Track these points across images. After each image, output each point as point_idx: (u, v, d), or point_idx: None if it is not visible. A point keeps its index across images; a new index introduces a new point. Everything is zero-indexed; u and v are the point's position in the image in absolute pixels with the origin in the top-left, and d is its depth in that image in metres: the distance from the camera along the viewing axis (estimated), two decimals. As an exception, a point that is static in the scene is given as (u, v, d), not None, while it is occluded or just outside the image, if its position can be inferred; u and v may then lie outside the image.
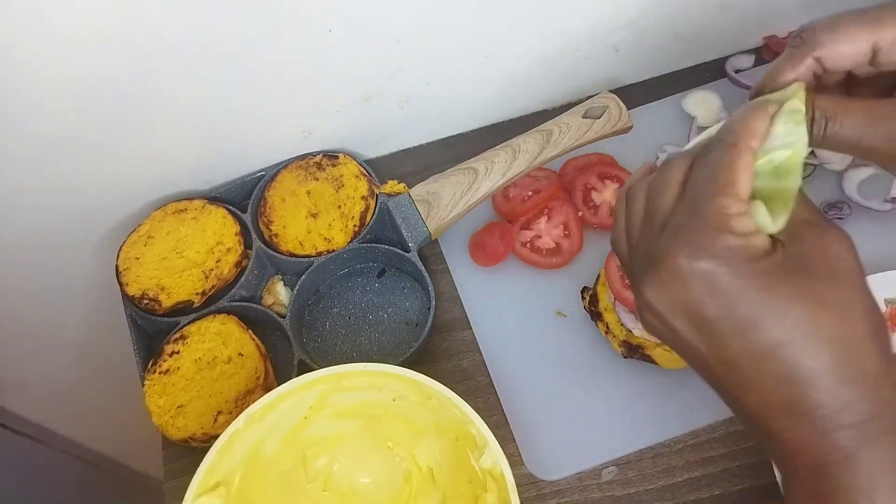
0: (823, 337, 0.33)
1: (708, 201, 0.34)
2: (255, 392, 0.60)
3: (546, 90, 0.77)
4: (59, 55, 0.54)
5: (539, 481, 0.60)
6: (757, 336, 0.33)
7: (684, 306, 0.34)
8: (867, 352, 0.33)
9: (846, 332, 0.33)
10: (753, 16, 0.75)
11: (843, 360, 0.33)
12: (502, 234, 0.68)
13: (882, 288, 0.60)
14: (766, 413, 0.35)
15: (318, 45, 0.61)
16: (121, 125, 0.61)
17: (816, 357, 0.33)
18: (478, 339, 0.66)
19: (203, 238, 0.66)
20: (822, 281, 0.33)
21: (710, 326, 0.34)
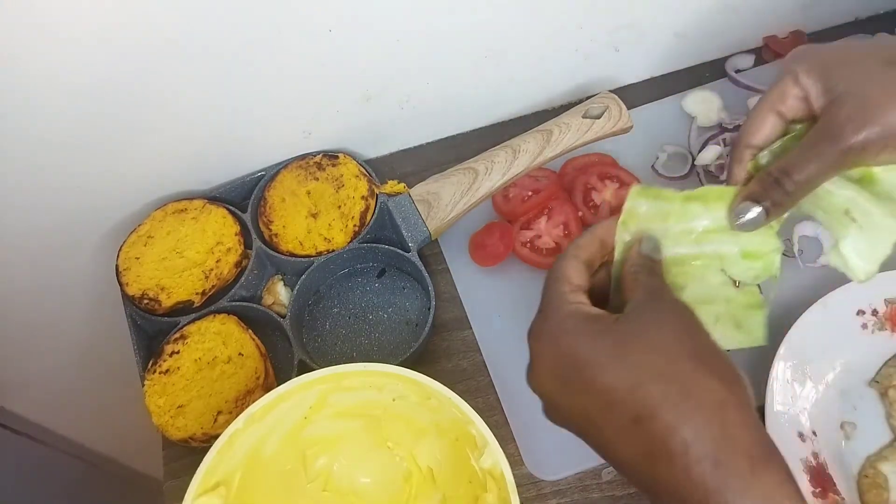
0: (652, 374, 0.37)
1: (550, 290, 0.43)
2: (255, 392, 0.60)
3: (546, 90, 0.77)
4: (59, 55, 0.54)
5: (539, 481, 0.60)
6: (596, 380, 0.38)
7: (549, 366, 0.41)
8: (700, 384, 0.36)
9: (673, 368, 0.37)
10: (753, 16, 0.75)
11: (675, 392, 0.36)
12: (502, 234, 0.68)
13: (882, 288, 0.60)
14: (632, 461, 0.37)
15: (318, 45, 0.61)
16: (121, 125, 0.61)
17: (650, 393, 0.36)
18: (478, 339, 0.66)
19: (203, 238, 0.66)
20: (646, 330, 0.39)
21: (566, 379, 0.40)
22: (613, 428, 0.38)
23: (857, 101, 0.42)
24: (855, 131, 0.41)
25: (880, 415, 0.59)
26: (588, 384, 0.38)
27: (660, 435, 0.35)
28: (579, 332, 0.40)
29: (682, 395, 0.36)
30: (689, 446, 0.35)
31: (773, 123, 0.46)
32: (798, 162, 0.43)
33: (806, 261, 0.65)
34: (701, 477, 0.34)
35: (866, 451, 0.57)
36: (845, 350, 0.60)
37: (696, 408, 0.36)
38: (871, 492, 0.55)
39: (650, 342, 0.38)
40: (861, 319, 0.60)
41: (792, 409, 0.57)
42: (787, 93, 0.45)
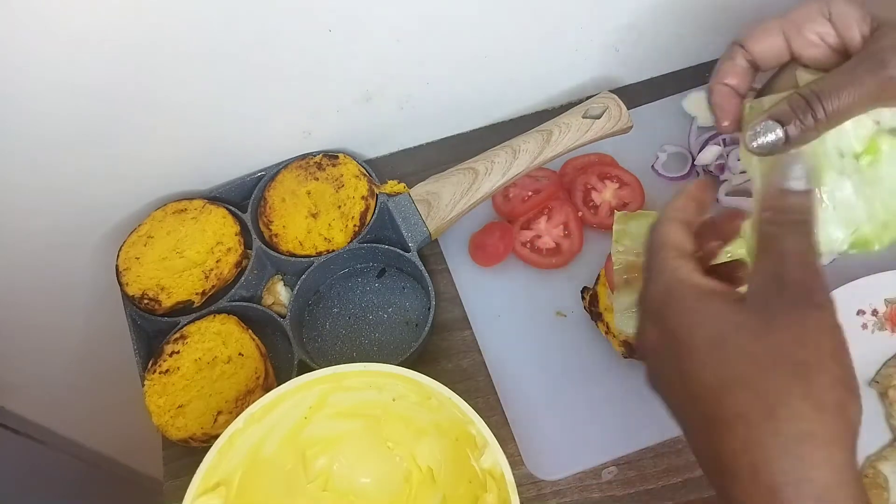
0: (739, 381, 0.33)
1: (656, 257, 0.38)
2: (255, 392, 0.60)
3: (546, 90, 0.77)
4: (59, 56, 0.54)
5: (539, 481, 0.60)
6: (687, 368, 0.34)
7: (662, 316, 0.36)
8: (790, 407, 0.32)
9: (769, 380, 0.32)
10: (753, 16, 0.75)
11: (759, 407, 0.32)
12: (502, 234, 0.68)
13: (882, 288, 0.60)
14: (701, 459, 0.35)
15: (318, 45, 0.61)
16: (121, 125, 0.61)
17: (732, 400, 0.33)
18: (478, 339, 0.66)
19: (203, 238, 0.66)
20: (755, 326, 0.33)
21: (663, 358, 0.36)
22: (692, 423, 0.35)
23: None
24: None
25: (880, 415, 0.59)
26: (682, 369, 0.35)
27: (730, 450, 0.32)
28: (687, 310, 0.35)
29: (765, 415, 0.32)
30: (758, 471, 0.31)
31: (775, 44, 0.42)
32: (834, 87, 0.39)
33: (806, 261, 0.65)
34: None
35: (866, 451, 0.57)
36: (845, 350, 0.60)
37: (774, 432, 0.32)
38: (871, 492, 0.55)
39: (753, 347, 0.33)
40: (861, 319, 0.60)
41: (792, 409, 0.57)
42: (808, 22, 0.41)
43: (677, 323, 0.35)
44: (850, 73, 0.39)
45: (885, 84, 0.38)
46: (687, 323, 0.35)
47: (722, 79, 0.44)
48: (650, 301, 0.37)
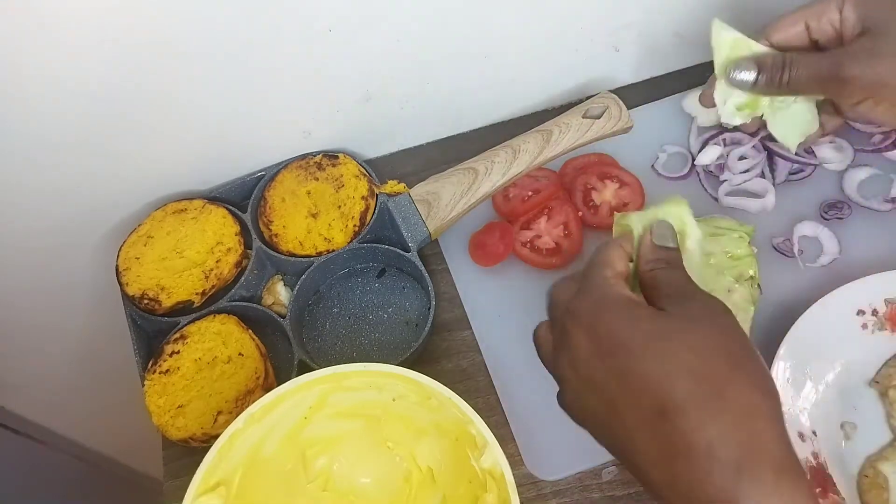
0: (686, 370, 0.36)
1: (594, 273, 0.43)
2: (255, 392, 0.60)
3: (546, 90, 0.77)
4: (58, 56, 0.54)
5: (539, 481, 0.60)
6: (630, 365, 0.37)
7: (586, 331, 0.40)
8: (732, 387, 0.35)
9: (708, 367, 0.36)
10: (753, 16, 0.75)
11: (706, 390, 0.35)
12: (502, 234, 0.68)
13: (882, 288, 0.60)
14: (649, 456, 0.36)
15: (318, 45, 0.61)
16: (121, 125, 0.61)
17: (681, 387, 0.35)
18: (478, 339, 0.66)
19: (203, 238, 0.66)
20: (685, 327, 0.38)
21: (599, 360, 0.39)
22: (637, 418, 0.37)
23: (871, 44, 0.44)
24: (851, 68, 0.44)
25: (880, 415, 0.59)
26: (621, 368, 0.37)
27: (684, 431, 0.34)
28: (621, 315, 0.39)
29: (713, 396, 0.35)
30: (714, 448, 0.34)
31: (799, 32, 0.50)
32: (804, 62, 0.47)
33: (806, 261, 0.66)
34: (721, 481, 0.33)
35: (866, 451, 0.57)
36: (845, 350, 0.60)
37: (725, 410, 0.35)
38: (871, 492, 0.55)
39: (688, 339, 0.37)
40: (861, 319, 0.60)
41: (792, 409, 0.57)
42: (825, 14, 0.48)
43: (614, 327, 0.39)
44: (815, 60, 0.47)
45: (831, 79, 0.46)
46: (624, 326, 0.38)
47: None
48: (582, 312, 0.41)
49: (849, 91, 0.44)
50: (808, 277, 0.65)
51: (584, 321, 0.40)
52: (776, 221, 0.67)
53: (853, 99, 0.45)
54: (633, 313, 0.39)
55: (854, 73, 0.43)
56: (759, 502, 0.32)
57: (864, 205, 0.67)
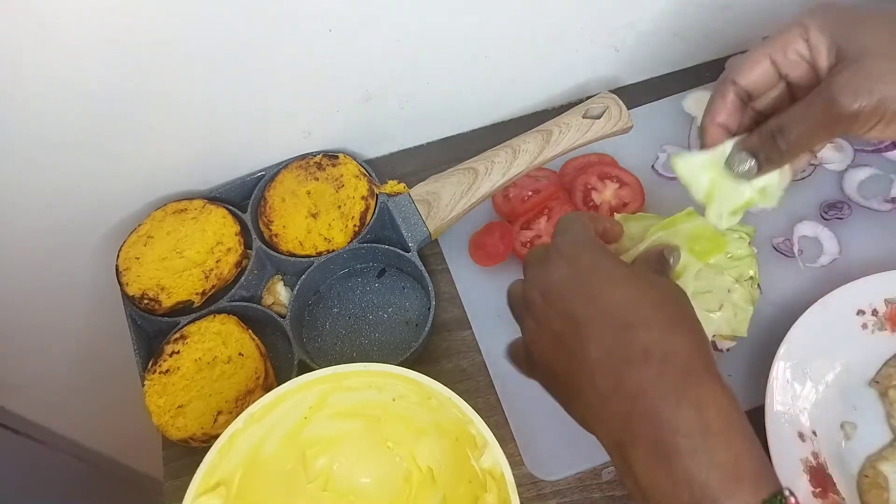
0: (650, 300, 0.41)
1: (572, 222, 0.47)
2: (255, 392, 0.60)
3: (546, 90, 0.77)
4: (58, 56, 0.54)
5: (539, 481, 0.60)
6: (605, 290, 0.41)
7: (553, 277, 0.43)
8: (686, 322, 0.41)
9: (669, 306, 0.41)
10: (753, 16, 0.75)
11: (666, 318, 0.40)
12: (502, 234, 0.68)
13: (882, 288, 0.60)
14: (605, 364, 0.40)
15: (318, 45, 0.61)
16: (121, 125, 0.61)
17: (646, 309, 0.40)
18: (478, 339, 0.66)
19: (203, 238, 0.66)
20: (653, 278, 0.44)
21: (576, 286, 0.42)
22: (598, 328, 0.40)
23: (858, 69, 0.41)
24: (850, 101, 0.40)
25: (880, 415, 0.59)
26: (595, 291, 0.41)
27: (645, 341, 0.39)
28: (603, 255, 0.43)
29: (673, 321, 0.41)
30: (669, 356, 0.38)
31: (765, 71, 0.46)
32: (792, 121, 0.43)
33: (806, 261, 0.66)
34: (672, 382, 0.38)
35: (866, 451, 0.57)
36: (845, 350, 0.60)
37: (681, 332, 0.40)
38: (871, 492, 0.55)
39: (653, 283, 0.43)
40: (861, 319, 0.60)
41: (792, 409, 0.57)
42: (791, 44, 0.45)
43: (595, 260, 0.43)
44: (806, 111, 0.42)
45: (833, 121, 0.41)
46: (604, 262, 0.43)
47: (714, 118, 0.47)
48: (564, 245, 0.44)
49: (858, 124, 0.41)
50: (808, 277, 0.65)
51: (568, 252, 0.44)
52: (776, 221, 0.67)
53: (864, 129, 0.42)
54: (613, 257, 0.44)
55: (855, 106, 0.40)
56: (699, 402, 0.37)
57: (864, 205, 0.67)
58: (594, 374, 0.40)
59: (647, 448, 0.37)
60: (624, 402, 0.38)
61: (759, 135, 0.45)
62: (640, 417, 0.38)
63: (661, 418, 0.37)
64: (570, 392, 0.43)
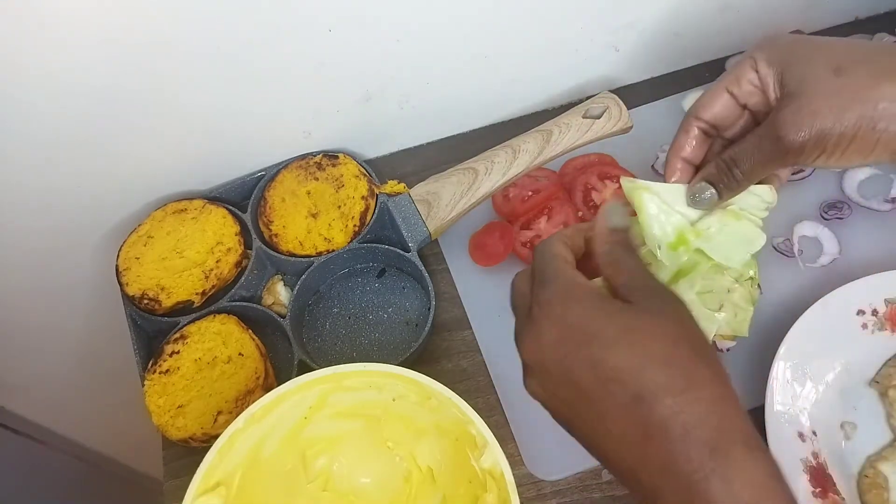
0: (658, 359, 0.38)
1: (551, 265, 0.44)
2: (255, 392, 0.60)
3: (546, 90, 0.77)
4: (58, 56, 0.54)
5: (539, 481, 0.60)
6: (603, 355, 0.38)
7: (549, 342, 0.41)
8: (701, 374, 0.38)
9: (677, 356, 0.38)
10: (753, 16, 0.75)
11: (678, 378, 0.37)
12: (502, 234, 0.68)
13: (882, 288, 0.60)
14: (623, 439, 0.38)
15: (318, 45, 0.61)
16: (121, 125, 0.61)
17: (655, 376, 0.37)
18: (478, 339, 0.66)
19: (203, 238, 0.66)
20: (651, 318, 0.39)
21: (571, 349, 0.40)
22: (610, 404, 0.38)
23: (800, 104, 0.43)
24: (792, 134, 0.43)
25: (880, 415, 0.59)
26: (594, 357, 0.39)
27: (660, 416, 0.36)
28: (590, 307, 0.40)
29: (686, 383, 0.37)
30: (690, 430, 0.36)
31: (726, 103, 0.48)
32: (744, 153, 0.46)
33: (806, 261, 0.66)
34: (698, 459, 0.36)
35: (866, 451, 0.57)
36: (845, 350, 0.60)
37: (698, 399, 0.37)
38: (871, 492, 0.55)
39: (656, 331, 0.39)
40: (861, 319, 0.60)
41: (792, 409, 0.57)
42: (743, 77, 0.47)
43: (585, 318, 0.40)
44: (755, 143, 0.45)
45: (780, 153, 0.44)
46: (595, 317, 0.40)
47: (678, 153, 0.49)
48: (548, 303, 0.41)
49: (804, 156, 0.44)
50: (808, 277, 0.65)
51: (553, 311, 0.41)
52: (776, 221, 0.67)
53: (808, 161, 0.44)
54: (603, 305, 0.40)
55: (797, 140, 0.43)
56: (731, 475, 0.35)
57: (864, 205, 0.67)
58: (620, 449, 0.39)
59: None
60: (651, 476, 0.37)
61: (717, 166, 0.47)
62: (675, 491, 0.36)
63: (695, 489, 0.36)
64: (595, 452, 0.42)
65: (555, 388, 0.41)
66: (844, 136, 0.43)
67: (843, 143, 0.43)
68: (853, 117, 0.42)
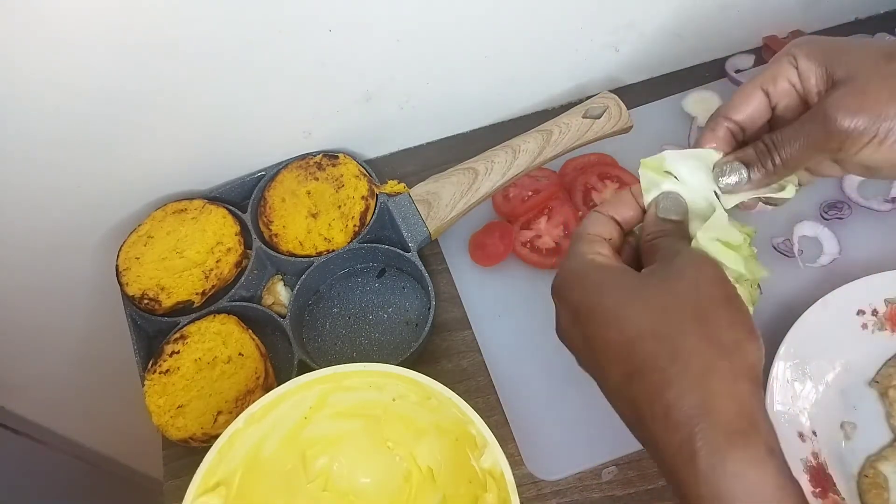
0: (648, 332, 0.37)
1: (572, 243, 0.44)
2: (255, 392, 0.60)
3: (546, 90, 0.77)
4: (59, 56, 0.54)
5: (539, 481, 0.60)
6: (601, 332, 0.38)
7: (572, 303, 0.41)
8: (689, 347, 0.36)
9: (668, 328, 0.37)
10: (753, 16, 0.75)
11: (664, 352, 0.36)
12: (502, 234, 0.68)
13: (882, 288, 0.60)
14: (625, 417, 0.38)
15: (318, 45, 0.61)
16: (121, 125, 0.61)
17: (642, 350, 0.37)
18: (478, 339, 0.66)
19: (203, 238, 0.66)
20: (653, 286, 0.39)
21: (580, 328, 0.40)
22: (613, 381, 0.38)
23: (853, 88, 0.41)
24: (845, 117, 0.41)
25: (880, 415, 0.59)
26: (595, 335, 0.39)
27: (646, 395, 0.36)
28: (591, 282, 0.40)
29: (670, 358, 0.36)
30: (670, 412, 0.35)
31: (759, 103, 0.46)
32: (787, 138, 0.44)
33: (806, 261, 0.66)
34: (678, 444, 0.34)
35: (866, 451, 0.57)
36: (845, 350, 0.60)
37: (681, 372, 0.35)
38: (871, 492, 0.55)
39: (654, 299, 0.38)
40: (861, 319, 0.60)
41: (792, 409, 0.57)
42: (781, 74, 0.45)
43: (582, 295, 0.40)
44: (801, 127, 0.43)
45: (828, 137, 0.42)
46: (591, 293, 0.40)
47: (703, 145, 0.47)
48: (559, 285, 0.42)
49: (850, 141, 0.42)
50: (808, 277, 0.65)
51: (564, 291, 0.42)
52: (776, 221, 0.67)
53: (855, 147, 0.42)
54: (605, 278, 0.40)
55: (848, 124, 0.41)
56: (713, 465, 0.33)
57: (864, 205, 0.67)
58: (654, 434, 0.36)
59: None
60: (656, 458, 0.37)
61: (756, 148, 0.45)
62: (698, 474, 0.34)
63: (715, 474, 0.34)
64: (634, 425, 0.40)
65: (585, 364, 0.41)
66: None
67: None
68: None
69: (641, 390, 0.36)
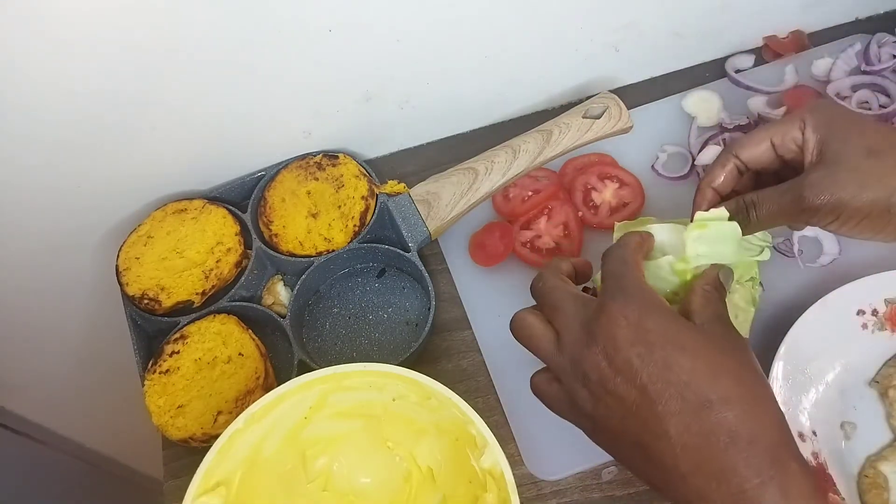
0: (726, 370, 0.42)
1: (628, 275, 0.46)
2: (255, 392, 0.60)
3: (546, 90, 0.77)
4: (59, 57, 0.54)
5: (539, 481, 0.60)
6: (679, 359, 0.41)
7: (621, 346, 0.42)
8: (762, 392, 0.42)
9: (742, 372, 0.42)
10: (753, 16, 0.75)
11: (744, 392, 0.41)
12: (502, 234, 0.68)
13: (882, 288, 0.60)
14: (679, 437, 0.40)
15: (318, 45, 0.61)
16: (121, 126, 0.61)
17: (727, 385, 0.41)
18: (478, 339, 0.66)
19: (203, 238, 0.66)
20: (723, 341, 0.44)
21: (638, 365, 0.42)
22: (675, 405, 0.40)
23: (830, 173, 0.47)
24: (815, 196, 0.47)
25: (880, 415, 0.59)
26: (668, 359, 0.41)
27: (729, 421, 0.39)
28: (669, 318, 0.43)
29: (754, 399, 0.41)
30: (755, 440, 0.39)
31: (766, 149, 0.51)
32: (766, 200, 0.50)
33: (806, 261, 0.66)
34: (758, 466, 0.39)
35: (866, 451, 0.57)
36: (845, 350, 0.60)
37: (764, 412, 0.41)
38: (871, 492, 0.55)
39: (725, 347, 0.43)
40: (861, 319, 0.60)
41: (792, 409, 0.57)
42: (790, 133, 0.50)
43: (664, 324, 0.43)
44: (779, 196, 0.49)
45: (800, 210, 0.48)
46: (673, 326, 0.43)
47: (711, 183, 0.52)
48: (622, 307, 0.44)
49: (815, 219, 0.48)
50: (808, 277, 0.65)
51: (631, 316, 0.43)
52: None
53: (820, 224, 0.48)
54: (679, 319, 0.44)
55: (816, 203, 0.46)
56: (787, 485, 0.38)
57: (864, 205, 0.67)
58: (674, 452, 0.40)
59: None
60: (707, 480, 0.39)
61: (738, 203, 0.51)
62: (724, 497, 0.39)
63: (746, 497, 0.38)
64: (637, 458, 0.43)
65: (616, 387, 0.42)
66: (860, 210, 0.46)
67: (858, 216, 0.46)
68: (871, 195, 0.46)
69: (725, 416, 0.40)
